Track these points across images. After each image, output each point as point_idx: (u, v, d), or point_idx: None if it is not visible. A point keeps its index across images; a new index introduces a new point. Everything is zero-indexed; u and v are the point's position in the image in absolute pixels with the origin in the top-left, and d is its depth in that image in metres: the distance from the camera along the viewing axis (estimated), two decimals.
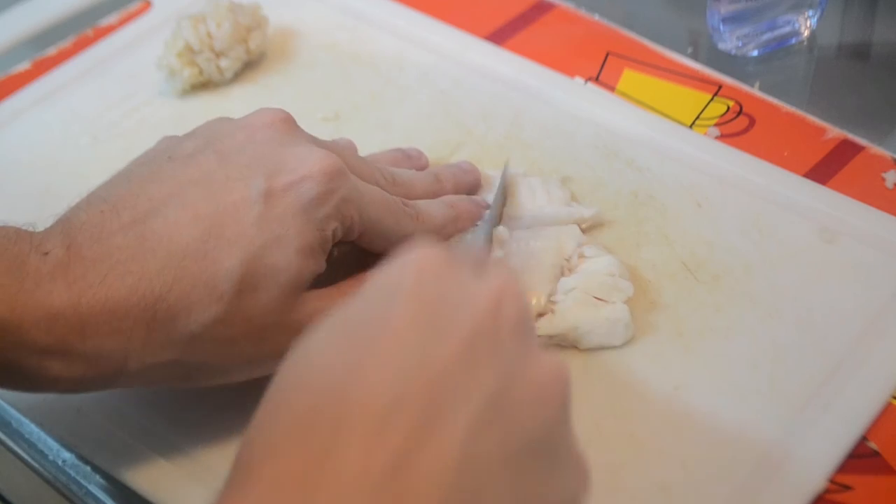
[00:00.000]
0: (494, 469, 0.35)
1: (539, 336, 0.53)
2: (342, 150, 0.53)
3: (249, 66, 0.73)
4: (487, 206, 0.59)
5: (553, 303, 0.54)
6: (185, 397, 0.52)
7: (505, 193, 0.59)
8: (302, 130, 0.53)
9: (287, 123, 0.52)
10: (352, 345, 0.36)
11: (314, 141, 0.52)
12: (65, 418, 0.53)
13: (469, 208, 0.58)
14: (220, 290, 0.46)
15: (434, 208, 0.56)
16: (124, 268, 0.46)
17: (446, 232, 0.57)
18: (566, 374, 0.38)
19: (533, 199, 0.60)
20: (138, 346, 0.46)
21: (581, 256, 0.56)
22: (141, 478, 0.50)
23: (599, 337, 0.54)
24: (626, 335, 0.54)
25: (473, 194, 0.61)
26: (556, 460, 0.37)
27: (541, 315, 0.54)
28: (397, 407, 0.34)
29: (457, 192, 0.59)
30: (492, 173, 0.62)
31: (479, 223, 0.57)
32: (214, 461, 0.51)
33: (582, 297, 0.54)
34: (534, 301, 0.54)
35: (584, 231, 0.59)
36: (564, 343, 0.54)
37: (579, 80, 0.70)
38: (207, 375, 0.49)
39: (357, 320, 0.37)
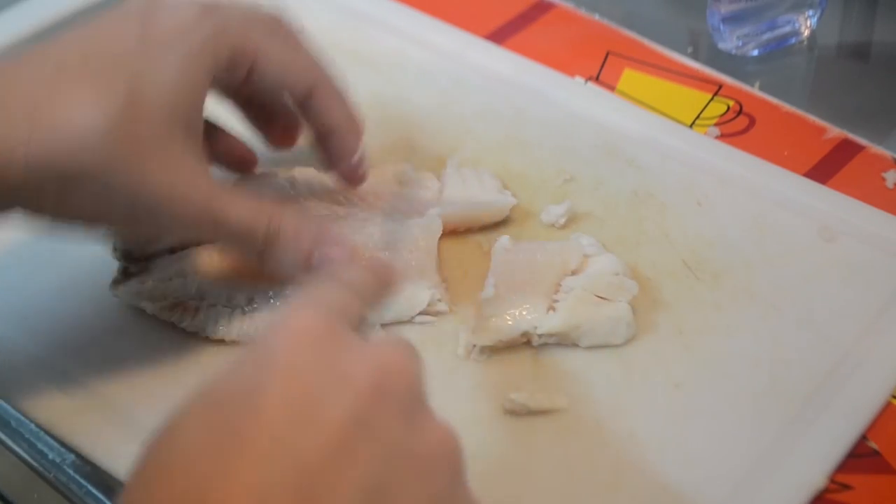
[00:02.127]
0: None
1: (540, 335, 0.53)
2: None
3: None
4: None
5: (555, 301, 0.54)
6: None
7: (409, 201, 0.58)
8: None
9: None
10: (218, 431, 0.34)
11: None
12: (65, 418, 0.53)
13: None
14: (104, 105, 0.46)
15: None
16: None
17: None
18: (455, 444, 0.37)
19: (465, 188, 0.61)
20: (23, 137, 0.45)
21: (586, 257, 0.56)
22: None
23: (601, 336, 0.54)
24: (627, 334, 0.54)
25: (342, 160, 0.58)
26: None
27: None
28: None
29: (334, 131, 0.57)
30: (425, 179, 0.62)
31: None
32: None
33: (584, 295, 0.54)
34: (532, 313, 0.54)
35: (563, 227, 0.60)
36: (565, 342, 0.54)
37: (579, 79, 0.70)
38: (83, 201, 0.47)
39: (226, 397, 0.35)
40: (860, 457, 0.50)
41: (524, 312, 0.53)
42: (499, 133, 0.67)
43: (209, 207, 0.49)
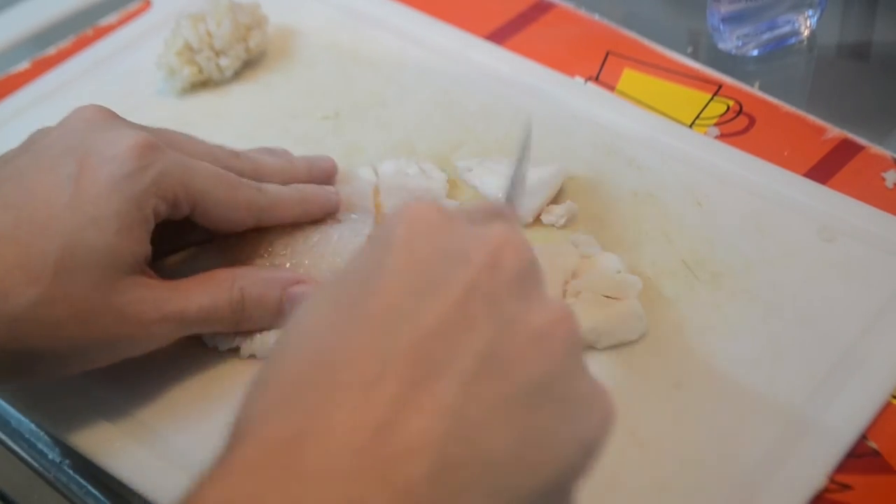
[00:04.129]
0: (493, 418, 0.34)
1: None
2: (167, 133, 0.53)
3: (249, 64, 0.73)
4: (338, 199, 0.58)
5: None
6: (193, 403, 0.53)
7: (525, 153, 0.56)
8: (121, 119, 0.53)
9: (104, 114, 0.52)
10: (341, 307, 0.36)
11: (133, 126, 0.52)
12: (66, 418, 0.53)
13: (318, 194, 0.57)
14: (35, 273, 0.46)
15: (282, 188, 0.56)
16: None
17: (294, 214, 0.56)
18: (570, 320, 0.37)
19: (408, 179, 0.62)
20: None
21: (584, 257, 0.56)
22: (139, 477, 0.50)
23: (617, 334, 0.54)
24: (641, 329, 0.54)
25: (328, 184, 0.60)
26: (565, 403, 0.36)
27: None
28: (384, 369, 0.34)
29: (310, 178, 0.59)
30: (362, 172, 0.62)
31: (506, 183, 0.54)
32: None
33: (592, 297, 0.54)
34: None
35: (563, 227, 0.60)
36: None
37: (579, 79, 0.70)
38: (42, 364, 0.49)
39: (349, 280, 0.37)
40: (860, 457, 0.50)
41: None
42: (499, 133, 0.67)
43: (164, 313, 0.49)
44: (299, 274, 0.55)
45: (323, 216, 0.58)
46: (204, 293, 0.51)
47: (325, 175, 0.60)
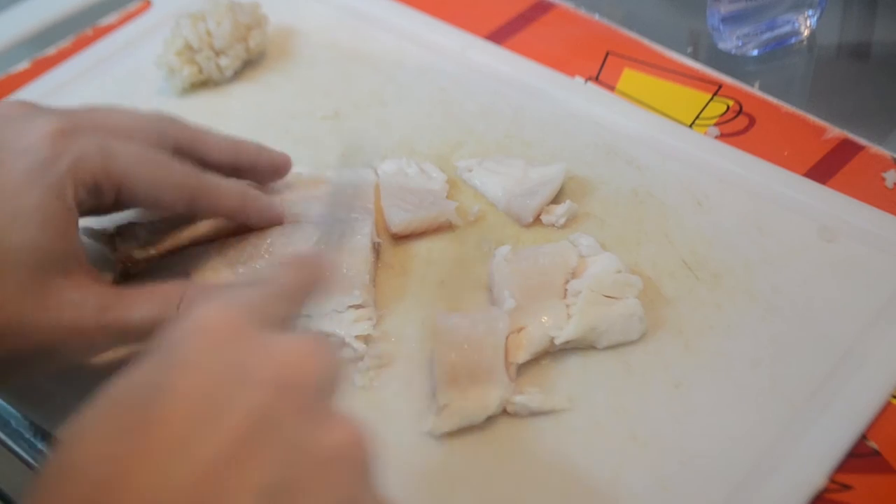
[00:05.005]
0: None
1: (557, 343, 0.53)
2: (92, 113, 0.50)
3: (249, 64, 0.73)
4: (281, 211, 0.57)
5: (568, 306, 0.54)
6: None
7: (347, 197, 0.55)
8: (39, 108, 0.50)
9: (22, 107, 0.50)
10: (117, 433, 0.34)
11: (50, 112, 0.49)
12: (66, 418, 0.53)
13: (260, 195, 0.55)
14: None
15: (221, 178, 0.53)
16: None
17: (231, 205, 0.54)
18: (361, 443, 0.36)
19: (408, 179, 0.62)
20: None
21: (583, 258, 0.56)
22: None
23: (617, 334, 0.54)
24: (641, 329, 0.54)
25: (274, 178, 0.58)
26: None
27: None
28: None
29: (253, 165, 0.56)
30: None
31: (316, 229, 0.53)
32: None
33: (592, 297, 0.54)
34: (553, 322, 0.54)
35: (563, 227, 0.60)
36: (582, 345, 0.54)
37: (579, 79, 0.70)
38: None
39: (128, 397, 0.35)
40: (860, 457, 0.50)
41: (547, 319, 0.54)
42: (499, 132, 0.67)
43: (104, 320, 0.47)
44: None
45: (264, 224, 0.56)
46: (149, 304, 0.48)
47: (272, 165, 0.58)
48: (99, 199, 0.48)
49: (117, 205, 0.50)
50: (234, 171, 0.57)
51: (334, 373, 0.37)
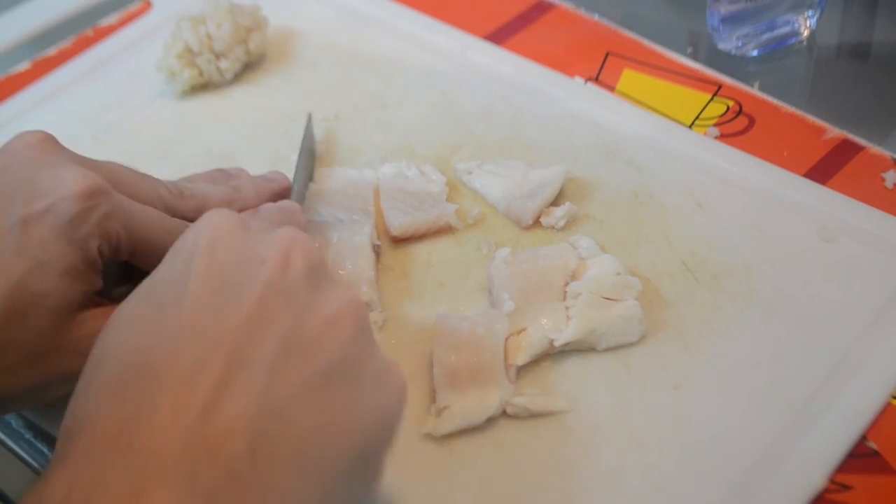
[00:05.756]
0: (297, 395, 0.39)
1: (557, 345, 0.53)
2: (112, 169, 0.52)
3: (249, 67, 0.73)
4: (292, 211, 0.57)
5: (567, 308, 0.54)
6: None
7: (311, 150, 0.58)
8: (64, 149, 0.52)
9: (47, 143, 0.51)
10: (155, 312, 0.40)
11: (76, 160, 0.51)
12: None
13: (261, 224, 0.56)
14: None
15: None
16: None
17: None
18: (357, 305, 0.42)
19: (408, 182, 0.62)
20: None
21: (582, 260, 0.56)
22: None
23: (616, 336, 0.54)
24: (640, 331, 0.54)
25: (281, 199, 0.59)
26: (359, 379, 0.41)
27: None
28: (199, 365, 0.38)
29: (259, 201, 0.58)
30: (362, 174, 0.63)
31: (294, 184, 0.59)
32: None
33: (591, 299, 0.54)
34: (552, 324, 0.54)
35: (562, 229, 0.60)
36: (582, 347, 0.54)
37: (579, 79, 0.70)
38: None
39: (159, 288, 0.41)
40: (860, 457, 0.50)
41: (547, 321, 0.54)
42: (499, 134, 0.67)
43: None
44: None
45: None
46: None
47: (274, 196, 0.59)
48: (116, 255, 0.50)
49: (131, 258, 0.52)
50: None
51: (324, 257, 0.43)
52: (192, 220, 0.50)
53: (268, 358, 0.39)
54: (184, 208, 0.54)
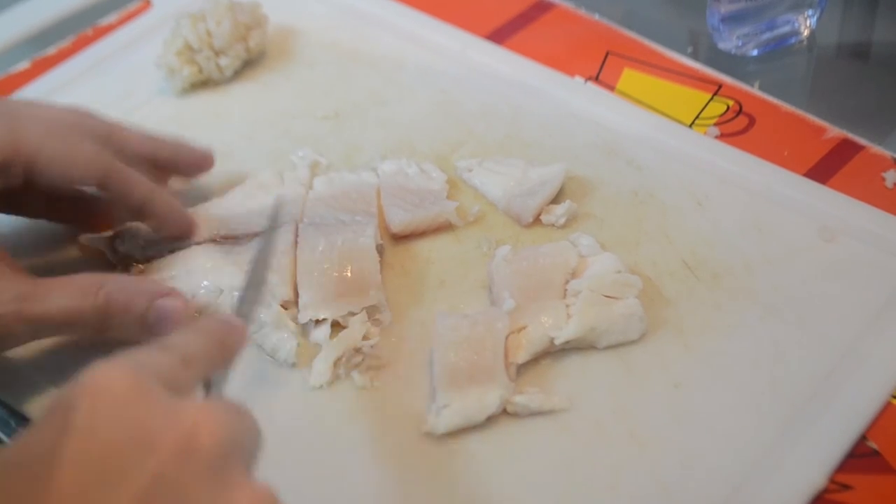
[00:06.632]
0: None
1: (557, 343, 0.53)
2: (5, 104, 0.50)
3: (249, 64, 0.73)
4: (192, 224, 0.57)
5: (568, 306, 0.54)
6: None
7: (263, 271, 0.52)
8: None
9: None
10: (13, 498, 0.32)
11: None
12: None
13: (169, 203, 0.55)
14: None
15: (136, 171, 0.53)
16: None
17: (142, 191, 0.54)
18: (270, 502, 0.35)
19: (408, 179, 0.62)
20: None
21: (583, 258, 0.56)
22: None
23: (617, 334, 0.54)
24: (641, 329, 0.54)
25: (195, 173, 0.59)
26: None
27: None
28: None
29: (172, 160, 0.57)
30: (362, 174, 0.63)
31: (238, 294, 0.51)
32: None
33: (591, 297, 0.54)
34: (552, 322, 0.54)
35: (563, 227, 0.60)
36: (582, 345, 0.54)
37: (579, 79, 0.70)
38: None
39: (21, 462, 0.33)
40: (860, 457, 0.50)
41: (547, 319, 0.54)
42: (499, 132, 0.67)
43: (21, 310, 0.47)
44: (169, 286, 0.52)
45: (173, 229, 0.56)
46: (68, 295, 0.48)
47: (192, 161, 0.58)
48: (9, 178, 0.48)
49: (28, 186, 0.50)
50: (154, 166, 0.57)
51: (243, 438, 0.36)
52: None
53: None
54: (96, 127, 0.52)
